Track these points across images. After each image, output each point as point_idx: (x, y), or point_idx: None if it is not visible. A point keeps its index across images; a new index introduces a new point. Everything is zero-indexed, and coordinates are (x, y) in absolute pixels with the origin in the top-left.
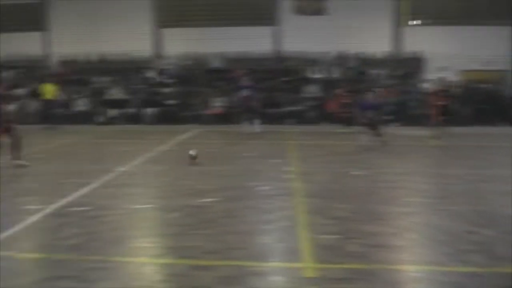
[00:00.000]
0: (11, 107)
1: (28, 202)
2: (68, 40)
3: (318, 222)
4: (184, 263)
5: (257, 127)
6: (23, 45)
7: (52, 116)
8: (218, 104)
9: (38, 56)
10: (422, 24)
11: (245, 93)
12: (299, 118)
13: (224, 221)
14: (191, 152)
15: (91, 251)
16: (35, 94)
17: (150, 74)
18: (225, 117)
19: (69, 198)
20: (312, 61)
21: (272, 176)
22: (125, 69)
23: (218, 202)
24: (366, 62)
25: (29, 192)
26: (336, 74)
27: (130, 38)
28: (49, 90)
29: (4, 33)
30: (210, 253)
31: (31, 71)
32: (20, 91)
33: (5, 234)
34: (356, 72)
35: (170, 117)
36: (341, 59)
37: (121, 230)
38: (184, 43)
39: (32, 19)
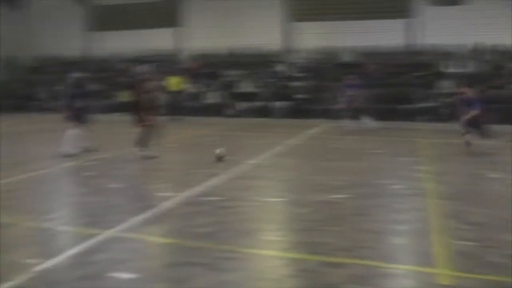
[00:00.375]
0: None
1: (161, 189)
2: (200, 35)
3: (453, 226)
4: (313, 259)
5: (369, 123)
6: (156, 40)
7: (178, 107)
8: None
9: (170, 50)
10: None
11: (351, 91)
12: (432, 115)
13: (355, 218)
14: (218, 151)
15: (221, 241)
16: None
17: (280, 68)
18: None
19: (200, 188)
20: (446, 55)
21: (403, 174)
22: (255, 63)
23: (349, 198)
24: (506, 55)
25: (162, 180)
26: (472, 68)
27: (260, 32)
28: (175, 83)
29: (138, 29)
30: (340, 250)
31: (163, 65)
32: (151, 85)
33: (139, 218)
34: (494, 66)
35: (299, 111)
36: (477, 52)
37: (251, 222)
38: (314, 37)
39: (165, 17)
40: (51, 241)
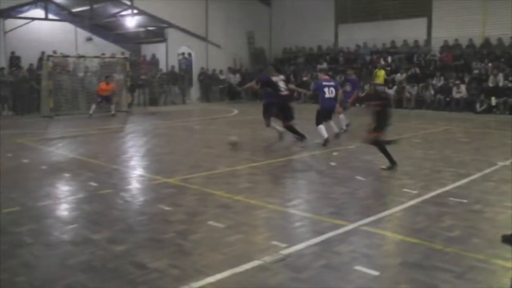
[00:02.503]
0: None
1: (407, 185)
2: (447, 25)
3: None
4: None
5: None
6: (405, 31)
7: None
8: None
9: (418, 41)
10: None
11: None
12: None
13: None
14: (232, 139)
15: (471, 247)
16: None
17: None
18: None
19: (448, 187)
20: None
21: None
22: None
23: None
24: None
25: (408, 176)
26: None
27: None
28: (380, 75)
29: (388, 20)
30: None
31: (410, 57)
32: (398, 76)
33: (384, 213)
34: None
35: None
36: None
37: (504, 230)
38: None
39: (415, 6)
40: (295, 227)
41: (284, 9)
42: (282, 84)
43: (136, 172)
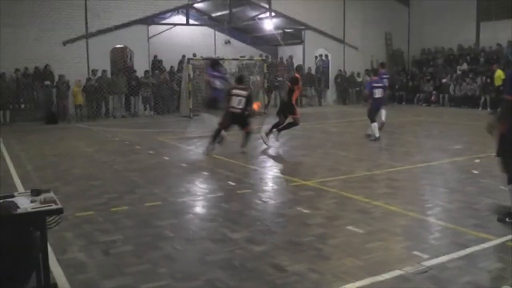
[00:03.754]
0: None
1: None
2: None
3: None
4: None
5: None
6: None
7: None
8: None
9: None
10: None
11: None
12: None
13: None
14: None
15: None
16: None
17: None
18: None
19: None
20: None
21: None
22: None
23: None
24: None
25: None
26: None
27: None
28: (499, 76)
29: None
30: None
31: None
32: None
33: None
34: None
35: None
36: None
37: None
38: None
39: None
40: (437, 237)
41: (422, 8)
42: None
43: (274, 173)
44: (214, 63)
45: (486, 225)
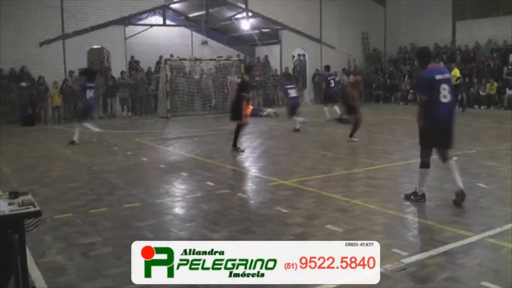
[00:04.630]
0: None
1: None
2: None
3: None
4: None
5: None
6: None
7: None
8: None
9: None
10: None
11: None
12: None
13: None
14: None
15: None
16: None
17: None
18: None
19: None
20: None
21: None
22: None
23: None
24: None
25: None
26: None
27: None
28: (454, 74)
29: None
30: None
31: None
32: None
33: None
34: None
35: None
36: None
37: None
38: None
39: None
40: (416, 234)
41: (399, 7)
42: None
43: (252, 173)
44: (90, 74)
45: (464, 221)
